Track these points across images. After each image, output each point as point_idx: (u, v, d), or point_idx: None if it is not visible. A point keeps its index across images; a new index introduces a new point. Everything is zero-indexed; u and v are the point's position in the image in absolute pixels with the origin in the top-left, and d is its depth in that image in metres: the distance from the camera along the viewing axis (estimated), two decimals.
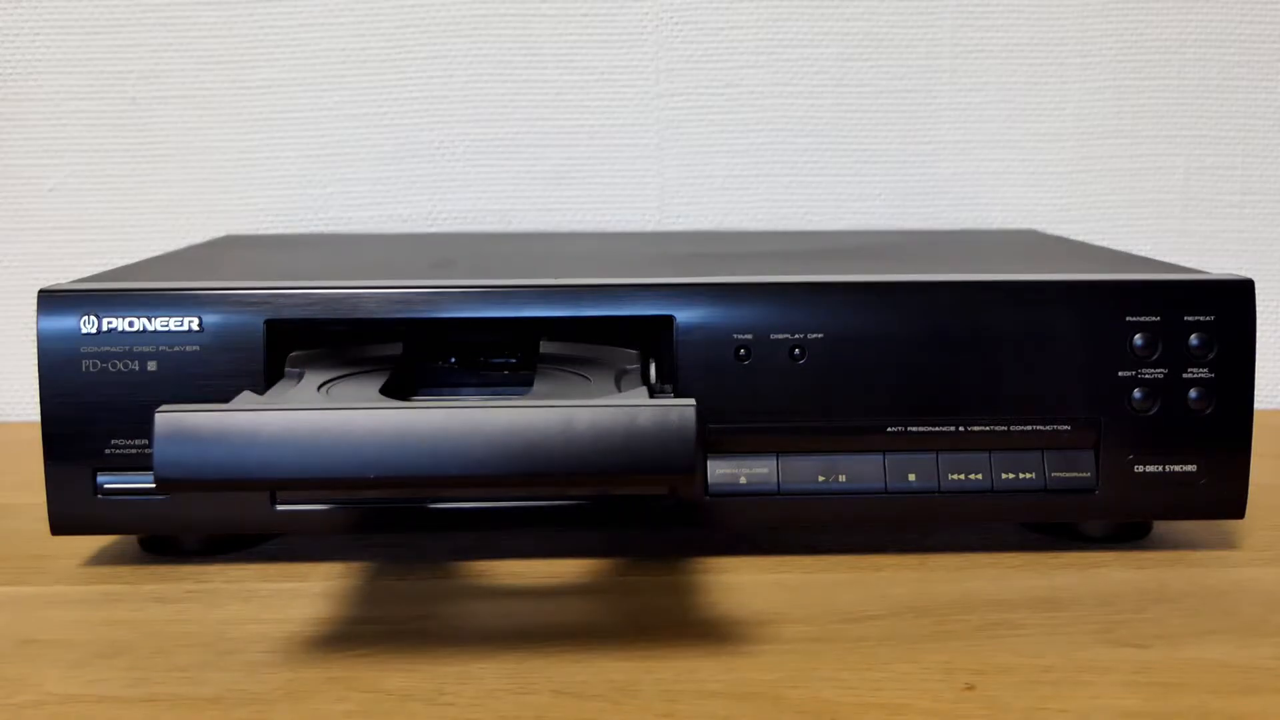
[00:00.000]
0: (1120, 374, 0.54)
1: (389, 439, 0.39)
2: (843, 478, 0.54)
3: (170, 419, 0.39)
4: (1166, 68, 0.87)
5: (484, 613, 0.51)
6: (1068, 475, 0.54)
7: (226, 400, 0.49)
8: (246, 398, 0.45)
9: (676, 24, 0.86)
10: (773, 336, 0.53)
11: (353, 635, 0.49)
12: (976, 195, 0.88)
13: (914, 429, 0.54)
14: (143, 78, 0.85)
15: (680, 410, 0.39)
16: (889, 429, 0.54)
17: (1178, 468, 0.54)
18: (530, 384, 0.52)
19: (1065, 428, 0.54)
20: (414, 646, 0.47)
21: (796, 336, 0.53)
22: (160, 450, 0.39)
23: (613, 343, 0.55)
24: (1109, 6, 0.86)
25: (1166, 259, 0.68)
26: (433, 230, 0.87)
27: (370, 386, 0.49)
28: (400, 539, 0.58)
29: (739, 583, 0.53)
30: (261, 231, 0.87)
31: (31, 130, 0.85)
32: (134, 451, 0.53)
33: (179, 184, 0.86)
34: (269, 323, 0.53)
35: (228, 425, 0.39)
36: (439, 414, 0.40)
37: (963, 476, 0.54)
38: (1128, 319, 0.54)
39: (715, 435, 0.54)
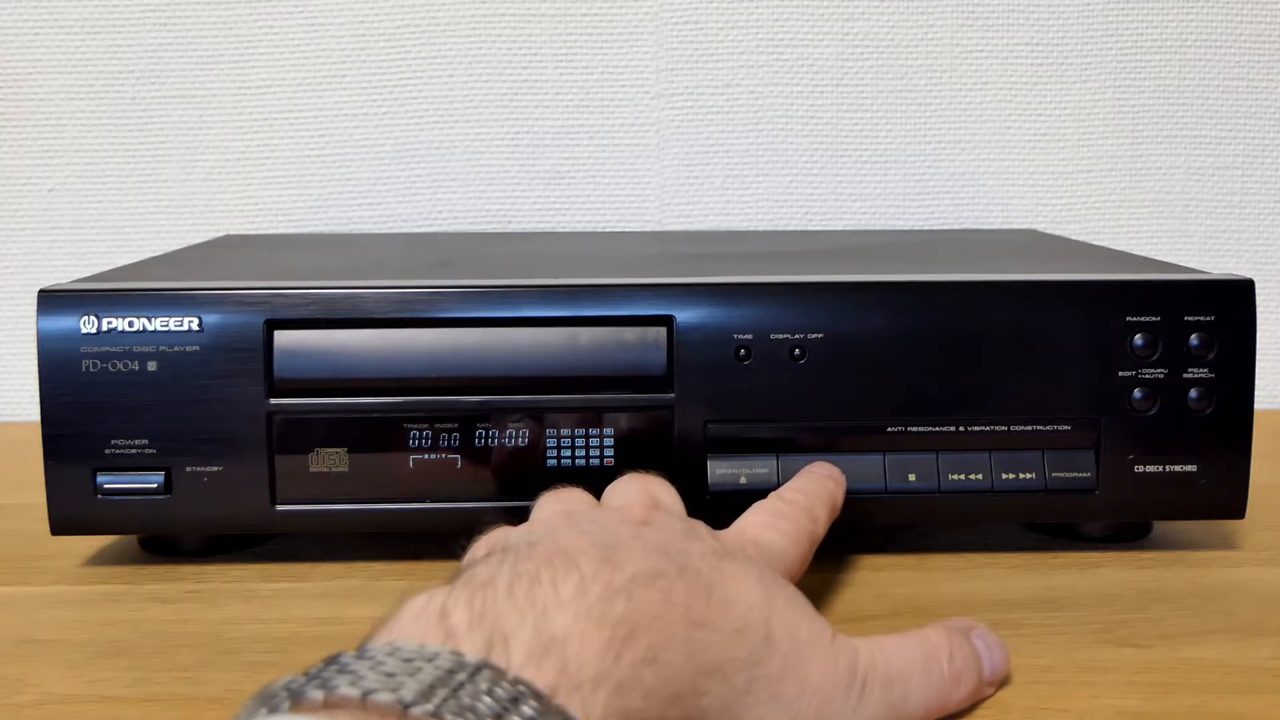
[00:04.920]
0: (1120, 374, 0.54)
1: (447, 350, 0.52)
2: None
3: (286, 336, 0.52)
4: (1166, 68, 0.87)
5: None
6: (1068, 475, 0.54)
7: (228, 399, 0.52)
8: None
9: (676, 24, 0.86)
10: (773, 336, 0.53)
11: (353, 635, 0.48)
12: (976, 195, 0.88)
13: (914, 429, 0.54)
14: (142, 78, 0.85)
15: (656, 330, 0.53)
16: (889, 429, 0.54)
17: (1178, 468, 0.54)
18: None
19: (1065, 428, 0.54)
20: None
21: (796, 336, 0.53)
22: (279, 360, 0.52)
23: None
24: (1109, 6, 0.86)
25: (1166, 259, 0.68)
26: (432, 230, 0.87)
27: None
28: (400, 539, 0.58)
29: None
30: (261, 231, 0.87)
31: (31, 130, 0.85)
32: (134, 451, 0.53)
33: (179, 184, 0.86)
34: (269, 323, 0.53)
35: (328, 340, 0.52)
36: (483, 332, 0.53)
37: (963, 476, 0.54)
38: (1128, 319, 0.54)
39: (715, 435, 0.54)
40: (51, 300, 0.53)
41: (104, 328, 0.52)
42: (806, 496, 0.48)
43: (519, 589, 0.33)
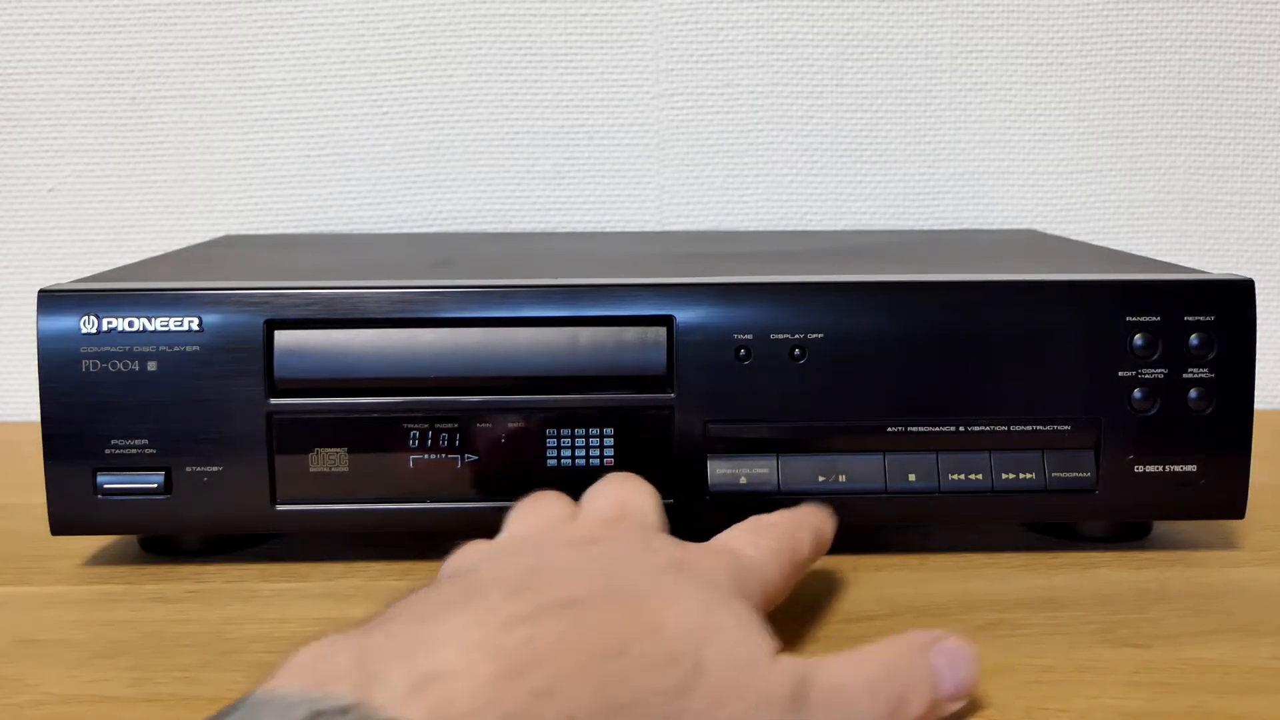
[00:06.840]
0: (1120, 374, 0.54)
1: (447, 349, 0.53)
2: (843, 478, 0.54)
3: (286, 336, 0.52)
4: (1166, 68, 0.87)
5: None
6: (1068, 475, 0.54)
7: (228, 399, 0.52)
8: None
9: (676, 24, 0.86)
10: (773, 336, 0.53)
11: None
12: (976, 195, 0.88)
13: (914, 429, 0.54)
14: (143, 78, 0.85)
15: (656, 330, 0.53)
16: (889, 429, 0.54)
17: (1178, 468, 0.54)
18: None
19: (1065, 428, 0.54)
20: None
21: (796, 336, 0.53)
22: (279, 360, 0.52)
23: None
24: (1109, 6, 0.86)
25: (1166, 259, 0.68)
26: (432, 230, 0.87)
27: None
28: (400, 539, 0.58)
29: None
30: (261, 231, 0.87)
31: (31, 130, 0.85)
32: (134, 451, 0.53)
33: (179, 184, 0.86)
34: (269, 323, 0.53)
35: (329, 340, 0.53)
36: (483, 332, 0.53)
37: (963, 476, 0.54)
38: (1128, 319, 0.54)
39: (715, 435, 0.54)
40: (51, 300, 0.53)
41: (104, 328, 0.52)
42: (791, 520, 0.46)
43: (411, 625, 0.33)
